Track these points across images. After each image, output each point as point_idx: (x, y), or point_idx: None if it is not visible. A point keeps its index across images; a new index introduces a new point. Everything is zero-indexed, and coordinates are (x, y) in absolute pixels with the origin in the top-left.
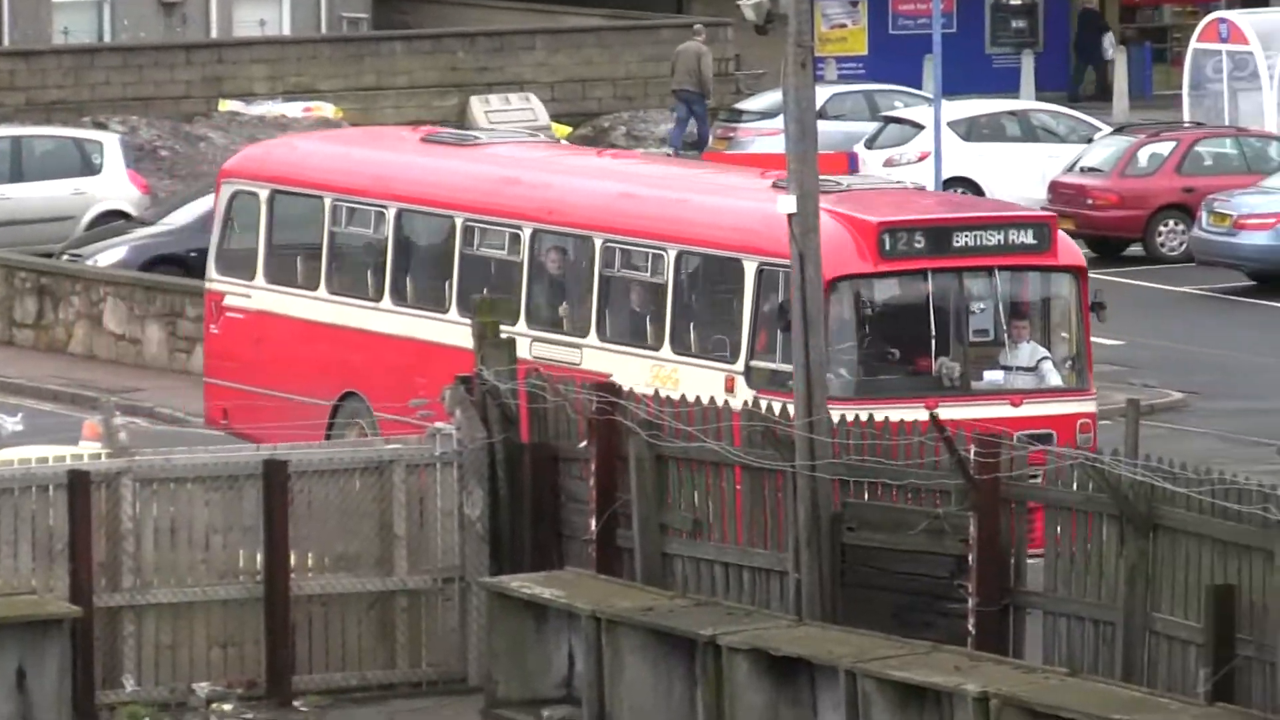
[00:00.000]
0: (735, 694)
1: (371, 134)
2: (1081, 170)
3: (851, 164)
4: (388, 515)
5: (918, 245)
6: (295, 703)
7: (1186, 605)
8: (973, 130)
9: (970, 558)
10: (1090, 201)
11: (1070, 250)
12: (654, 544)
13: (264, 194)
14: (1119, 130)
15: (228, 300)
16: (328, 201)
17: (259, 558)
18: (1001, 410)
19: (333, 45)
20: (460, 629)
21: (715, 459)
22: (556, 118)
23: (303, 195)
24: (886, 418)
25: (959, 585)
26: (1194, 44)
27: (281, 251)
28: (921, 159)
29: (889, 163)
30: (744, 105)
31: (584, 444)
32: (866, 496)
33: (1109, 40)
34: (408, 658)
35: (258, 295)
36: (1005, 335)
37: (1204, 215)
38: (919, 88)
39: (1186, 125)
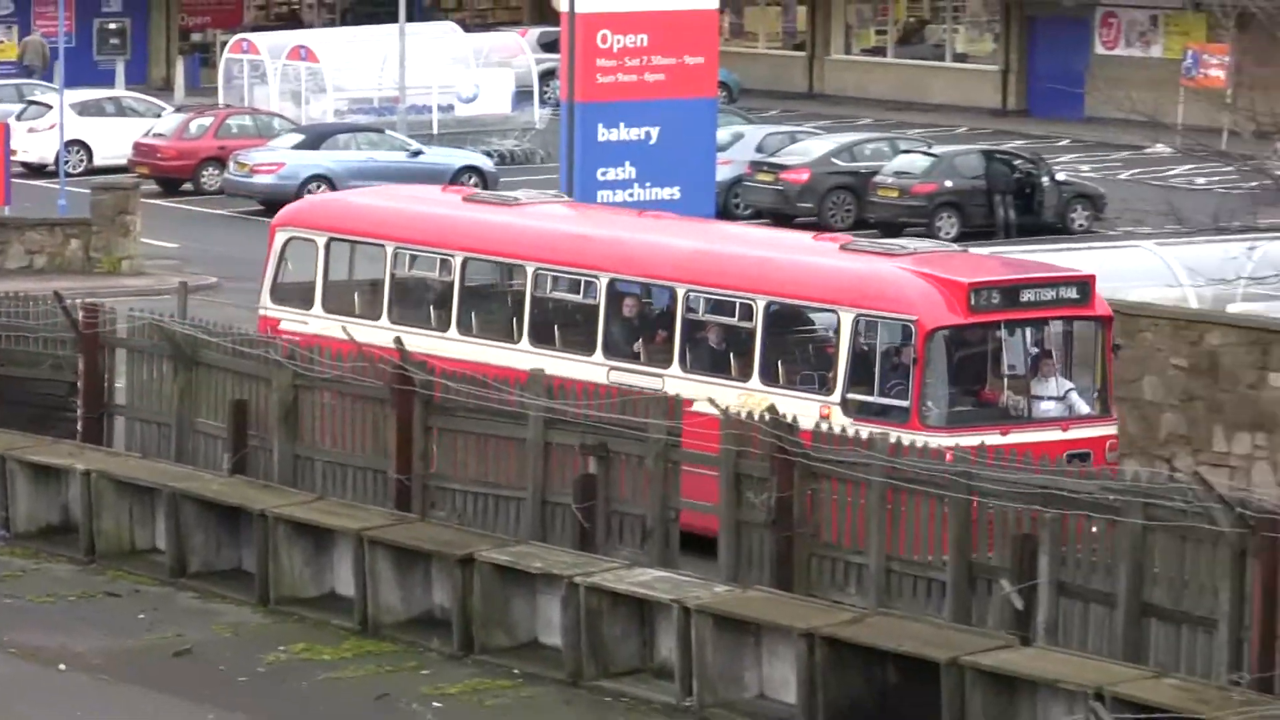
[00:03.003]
0: None
1: (411, 192)
2: (154, 135)
3: (6, 131)
4: None
5: (994, 301)
6: None
7: (218, 413)
8: (86, 109)
9: (79, 383)
10: (159, 154)
11: (1102, 303)
12: None
13: (321, 241)
14: (178, 110)
15: (283, 325)
16: (389, 249)
17: None
18: (1054, 434)
19: None
20: None
21: None
22: None
23: (362, 243)
24: (29, 295)
25: (72, 400)
26: (227, 54)
27: (337, 287)
28: (51, 128)
29: (31, 130)
30: None
31: None
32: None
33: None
34: None
35: (315, 322)
36: (1039, 371)
37: (232, 164)
38: (52, 81)
39: (221, 106)
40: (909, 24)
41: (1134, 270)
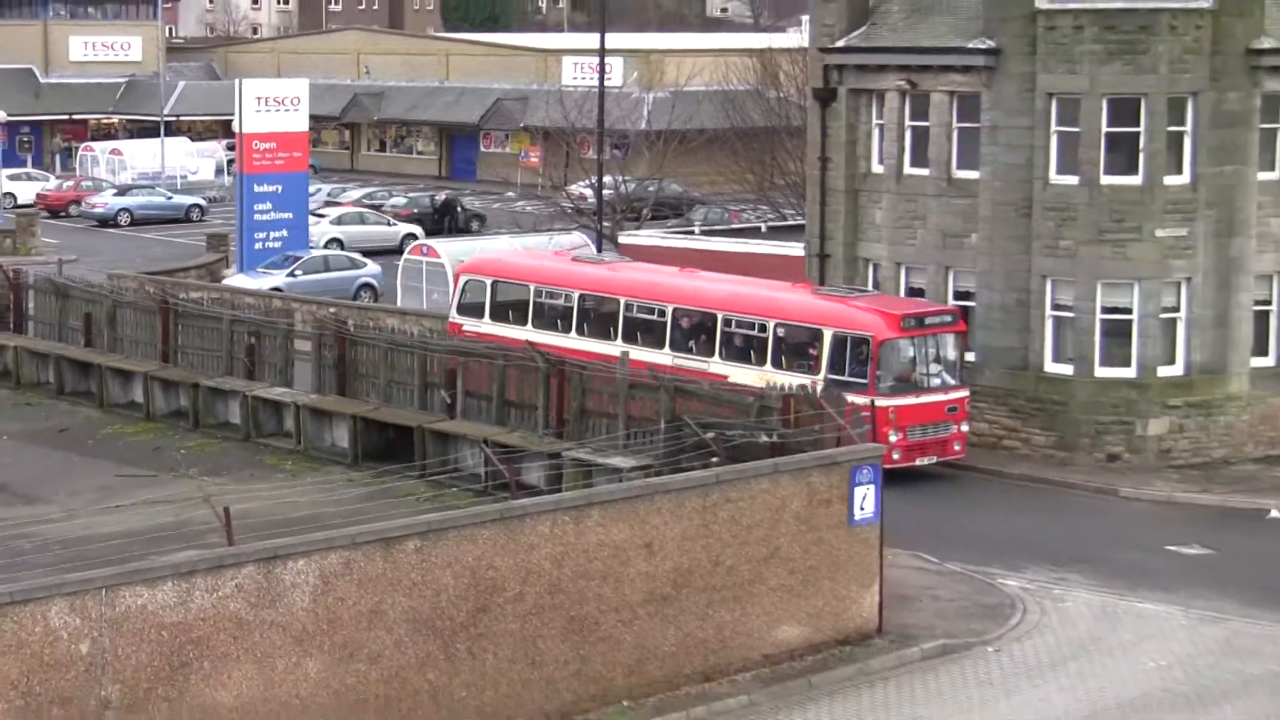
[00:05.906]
0: None
1: (541, 254)
2: (46, 189)
3: None
4: None
5: (913, 323)
6: None
7: (78, 319)
8: (13, 177)
9: (10, 306)
10: (49, 199)
11: (961, 323)
12: None
13: (489, 281)
14: (57, 178)
15: (465, 329)
16: (532, 286)
17: None
18: (941, 397)
19: None
20: None
21: None
22: None
23: (515, 283)
24: None
25: (8, 315)
26: (80, 152)
27: (498, 307)
28: None
29: None
30: None
31: None
32: None
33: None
34: None
35: (484, 326)
36: (929, 361)
37: (84, 204)
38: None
39: (77, 175)
40: (397, 139)
41: (501, 249)
